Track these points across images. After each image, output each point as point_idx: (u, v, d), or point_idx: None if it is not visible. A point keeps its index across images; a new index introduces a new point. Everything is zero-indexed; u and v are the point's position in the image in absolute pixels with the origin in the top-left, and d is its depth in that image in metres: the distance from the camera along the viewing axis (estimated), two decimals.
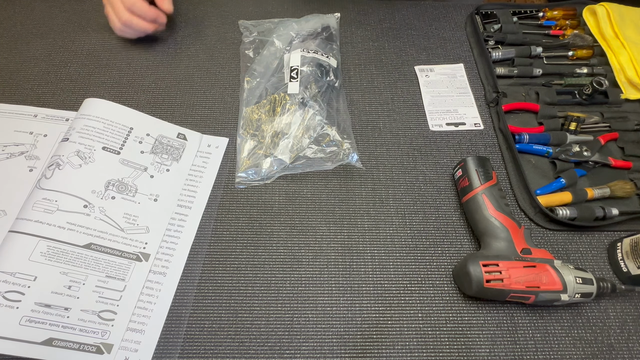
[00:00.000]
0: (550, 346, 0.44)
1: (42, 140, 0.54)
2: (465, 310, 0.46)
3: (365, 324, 0.45)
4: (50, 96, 0.59)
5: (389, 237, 0.50)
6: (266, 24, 0.65)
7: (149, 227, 0.48)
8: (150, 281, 0.46)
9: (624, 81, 0.61)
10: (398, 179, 0.54)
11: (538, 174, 0.54)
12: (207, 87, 0.61)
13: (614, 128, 0.58)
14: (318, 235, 0.50)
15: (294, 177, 0.54)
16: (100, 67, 0.62)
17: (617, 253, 0.48)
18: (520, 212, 0.52)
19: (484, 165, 0.49)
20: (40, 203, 0.45)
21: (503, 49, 0.63)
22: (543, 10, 0.68)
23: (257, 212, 0.51)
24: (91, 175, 0.48)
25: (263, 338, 0.44)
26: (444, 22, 0.69)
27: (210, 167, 0.54)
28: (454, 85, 0.62)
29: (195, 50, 0.64)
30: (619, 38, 0.63)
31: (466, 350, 0.44)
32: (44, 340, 0.40)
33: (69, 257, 0.44)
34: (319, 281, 0.47)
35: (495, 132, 0.58)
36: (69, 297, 0.43)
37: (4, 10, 0.67)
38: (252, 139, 0.54)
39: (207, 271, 0.47)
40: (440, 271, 0.48)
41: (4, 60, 0.62)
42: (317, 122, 0.54)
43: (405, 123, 0.59)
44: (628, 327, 0.45)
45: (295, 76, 0.56)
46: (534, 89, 0.61)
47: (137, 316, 0.44)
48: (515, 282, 0.42)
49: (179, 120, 0.57)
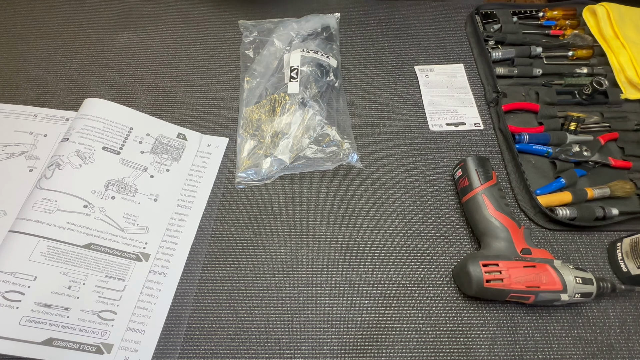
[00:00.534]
0: (550, 346, 0.44)
1: (42, 140, 0.54)
2: (465, 310, 0.46)
3: (365, 324, 0.45)
4: (50, 96, 0.59)
5: (389, 237, 0.50)
6: (266, 24, 0.65)
7: (149, 227, 0.48)
8: (150, 281, 0.46)
9: (624, 81, 0.61)
10: (398, 179, 0.54)
11: (538, 174, 0.54)
12: (207, 87, 0.61)
13: (613, 128, 0.58)
14: (318, 235, 0.50)
15: (294, 177, 0.54)
16: (100, 67, 0.62)
17: (617, 253, 0.48)
18: (520, 212, 0.52)
19: (484, 165, 0.49)
20: (40, 203, 0.45)
21: (503, 49, 0.63)
22: (543, 10, 0.68)
23: (257, 212, 0.51)
24: (91, 175, 0.48)
25: (263, 338, 0.44)
26: (444, 22, 0.69)
27: (210, 167, 0.54)
28: (454, 85, 0.62)
29: (195, 50, 0.64)
30: (619, 38, 0.63)
31: (466, 350, 0.44)
32: (44, 340, 0.40)
33: (69, 257, 0.44)
34: (319, 281, 0.47)
35: (495, 132, 0.58)
36: (69, 297, 0.43)
37: (4, 11, 0.67)
38: (252, 139, 0.54)
39: (207, 271, 0.47)
40: (440, 271, 0.48)
41: (4, 60, 0.62)
42: (317, 122, 0.54)
43: (405, 123, 0.59)
44: (628, 327, 0.45)
45: (295, 76, 0.56)
46: (534, 89, 0.61)
47: (137, 316, 0.44)
48: (515, 282, 0.42)
49: (179, 120, 0.57)
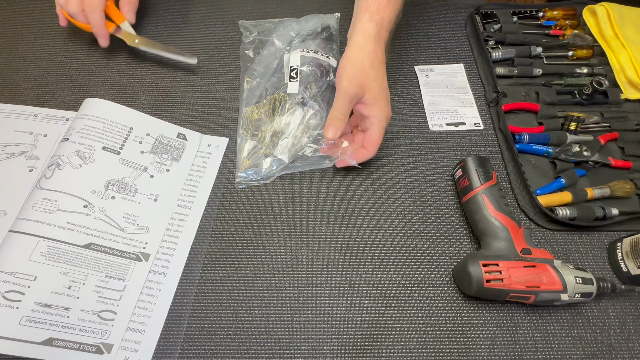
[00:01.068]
0: (550, 346, 0.44)
1: (42, 140, 0.54)
2: (465, 310, 0.46)
3: (365, 324, 0.45)
4: (50, 96, 0.59)
5: (389, 237, 0.50)
6: (266, 24, 0.65)
7: (149, 227, 0.49)
8: (150, 281, 0.46)
9: (624, 81, 0.61)
10: (398, 179, 0.54)
11: (538, 174, 0.54)
12: (207, 87, 0.61)
13: (614, 128, 0.58)
14: (318, 235, 0.50)
15: (294, 176, 0.54)
16: (100, 67, 0.62)
17: (617, 253, 0.48)
18: (520, 212, 0.52)
19: (484, 165, 0.49)
20: (40, 203, 0.45)
21: (503, 49, 0.63)
22: (543, 10, 0.68)
23: (257, 212, 0.51)
24: (91, 175, 0.48)
25: (263, 338, 0.44)
26: (444, 22, 0.69)
27: (210, 167, 0.54)
28: (454, 85, 0.62)
29: (195, 50, 0.64)
30: (619, 38, 0.63)
31: (466, 350, 0.44)
32: (44, 340, 0.40)
33: (69, 257, 0.44)
34: (319, 281, 0.47)
35: (495, 132, 0.58)
36: (69, 297, 0.43)
37: (4, 11, 0.67)
38: (252, 139, 0.54)
39: (207, 271, 0.47)
40: (440, 271, 0.48)
41: (4, 60, 0.62)
42: (316, 122, 0.54)
43: (405, 123, 0.59)
44: (628, 327, 0.45)
45: (295, 76, 0.56)
46: (534, 89, 0.61)
47: (137, 316, 0.44)
48: (515, 282, 0.42)
49: (179, 120, 0.57)
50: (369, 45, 0.48)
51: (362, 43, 0.48)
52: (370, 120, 0.48)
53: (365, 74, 0.47)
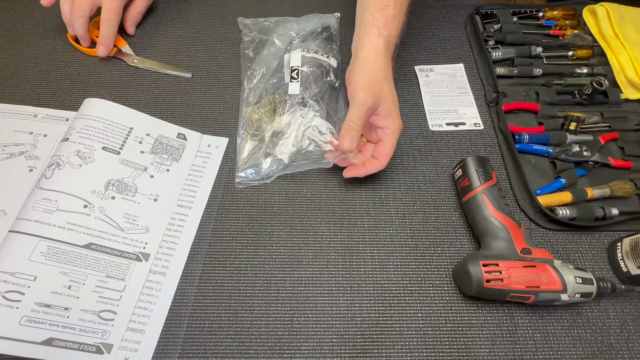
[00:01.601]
0: (550, 346, 0.44)
1: (42, 140, 0.54)
2: (465, 310, 0.46)
3: (365, 324, 0.45)
4: (50, 96, 0.59)
5: (389, 237, 0.50)
6: (265, 23, 0.65)
7: (149, 227, 0.48)
8: (150, 281, 0.46)
9: (624, 81, 0.61)
10: (398, 179, 0.54)
11: (538, 174, 0.54)
12: (207, 87, 0.61)
13: (613, 128, 0.58)
14: (318, 235, 0.50)
15: (294, 176, 0.54)
16: (100, 67, 0.62)
17: (617, 253, 0.48)
18: (520, 212, 0.52)
19: (484, 165, 0.49)
20: (40, 203, 0.45)
21: (503, 49, 0.63)
22: (543, 10, 0.68)
23: (257, 212, 0.51)
24: (91, 175, 0.48)
25: (263, 338, 0.44)
26: (444, 22, 0.69)
27: (210, 167, 0.54)
28: (454, 85, 0.62)
29: (195, 50, 0.64)
30: (619, 38, 0.63)
31: (466, 350, 0.44)
32: (44, 340, 0.40)
33: (69, 257, 0.44)
34: (319, 281, 0.47)
35: (495, 132, 0.58)
36: (69, 297, 0.43)
37: (4, 11, 0.67)
38: (252, 139, 0.54)
39: (207, 271, 0.47)
40: (440, 271, 0.48)
41: (4, 60, 0.62)
42: (317, 122, 0.54)
43: (405, 123, 0.58)
44: (628, 327, 0.45)
45: (296, 76, 0.56)
46: (534, 89, 0.61)
47: (137, 316, 0.44)
48: (515, 282, 0.42)
49: (179, 120, 0.57)
50: (380, 59, 0.49)
51: (373, 57, 0.49)
52: (384, 132, 0.49)
53: (380, 86, 0.48)
